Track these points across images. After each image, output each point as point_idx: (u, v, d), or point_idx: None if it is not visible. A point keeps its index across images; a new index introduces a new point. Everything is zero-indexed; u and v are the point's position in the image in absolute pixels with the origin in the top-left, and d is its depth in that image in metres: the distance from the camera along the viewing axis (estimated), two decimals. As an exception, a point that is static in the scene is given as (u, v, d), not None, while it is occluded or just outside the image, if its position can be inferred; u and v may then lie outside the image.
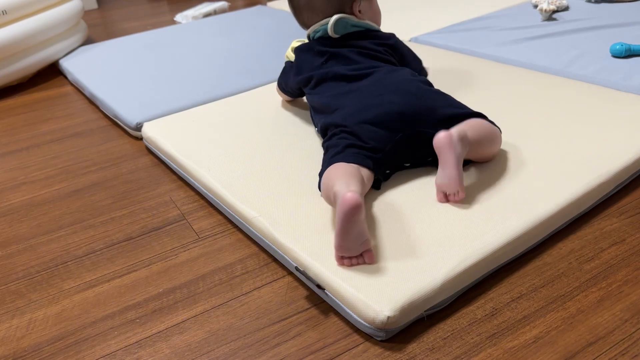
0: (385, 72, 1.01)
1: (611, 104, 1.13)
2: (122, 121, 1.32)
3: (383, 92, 0.95)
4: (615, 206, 0.91)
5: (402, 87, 0.96)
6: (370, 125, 0.90)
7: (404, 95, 0.93)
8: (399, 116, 0.91)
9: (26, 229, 0.99)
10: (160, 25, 2.26)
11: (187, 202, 1.02)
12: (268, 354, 0.69)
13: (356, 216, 0.70)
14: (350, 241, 0.72)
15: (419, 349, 0.67)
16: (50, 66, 1.84)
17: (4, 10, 1.59)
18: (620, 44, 1.34)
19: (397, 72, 1.01)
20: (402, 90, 0.94)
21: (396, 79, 0.98)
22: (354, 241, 0.72)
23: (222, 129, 1.18)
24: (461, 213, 0.83)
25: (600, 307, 0.71)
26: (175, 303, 0.78)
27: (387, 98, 0.93)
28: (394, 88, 0.95)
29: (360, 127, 0.90)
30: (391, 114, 0.91)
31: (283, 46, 1.67)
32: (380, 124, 0.90)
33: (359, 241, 0.73)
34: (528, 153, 0.98)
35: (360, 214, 0.71)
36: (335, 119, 0.95)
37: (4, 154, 1.29)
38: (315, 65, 1.08)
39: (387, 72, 1.01)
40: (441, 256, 0.74)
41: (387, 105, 0.92)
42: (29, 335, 0.75)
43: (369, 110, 0.92)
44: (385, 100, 0.93)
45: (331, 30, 1.06)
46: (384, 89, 0.96)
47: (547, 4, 1.69)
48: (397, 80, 0.98)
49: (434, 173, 0.94)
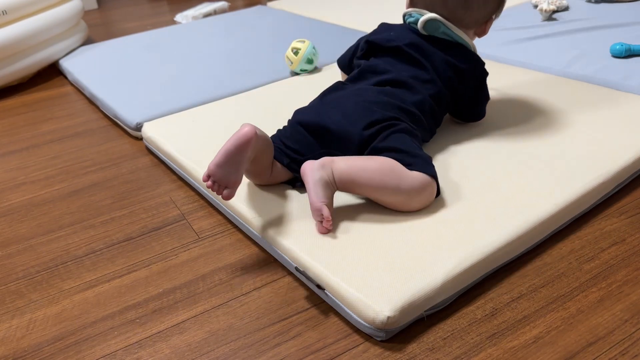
0: (374, 87, 0.97)
1: (611, 104, 1.13)
2: (122, 121, 1.32)
3: (341, 103, 0.93)
4: (615, 206, 0.91)
5: (351, 107, 0.92)
6: (305, 129, 0.92)
7: (344, 116, 0.90)
8: (327, 133, 0.90)
9: (26, 229, 0.99)
10: (160, 25, 2.26)
11: (187, 202, 1.02)
12: (268, 354, 0.69)
13: (243, 148, 0.78)
14: (225, 168, 0.79)
15: (419, 349, 0.67)
16: (50, 66, 1.84)
17: (4, 10, 1.59)
18: (620, 44, 1.34)
19: (370, 90, 0.95)
20: (348, 111, 0.91)
21: (359, 96, 0.94)
22: (228, 171, 0.79)
23: (222, 129, 1.18)
24: (461, 213, 0.83)
25: (600, 307, 0.71)
26: (175, 303, 0.78)
27: (332, 112, 0.92)
28: (349, 104, 0.92)
29: (295, 128, 0.93)
30: (323, 127, 0.91)
31: (283, 46, 1.67)
32: (312, 133, 0.92)
33: (232, 174, 0.79)
34: (528, 153, 0.98)
35: (247, 151, 0.78)
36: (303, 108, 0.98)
37: (4, 154, 1.29)
38: (385, 38, 1.03)
39: (371, 87, 0.96)
40: (441, 256, 0.75)
41: (326, 118, 0.91)
42: (29, 335, 0.75)
43: (313, 114, 0.94)
44: (329, 113, 0.92)
45: (421, 26, 0.99)
46: (345, 99, 0.94)
47: (547, 4, 1.69)
48: (358, 96, 0.94)
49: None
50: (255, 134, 0.79)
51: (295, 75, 1.46)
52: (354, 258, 0.76)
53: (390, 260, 0.75)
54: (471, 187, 0.89)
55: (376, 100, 0.92)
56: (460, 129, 1.08)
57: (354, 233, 0.81)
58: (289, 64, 1.46)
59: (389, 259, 0.75)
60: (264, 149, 0.85)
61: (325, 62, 1.51)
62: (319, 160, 0.82)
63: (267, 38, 1.82)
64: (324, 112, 0.93)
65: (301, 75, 1.45)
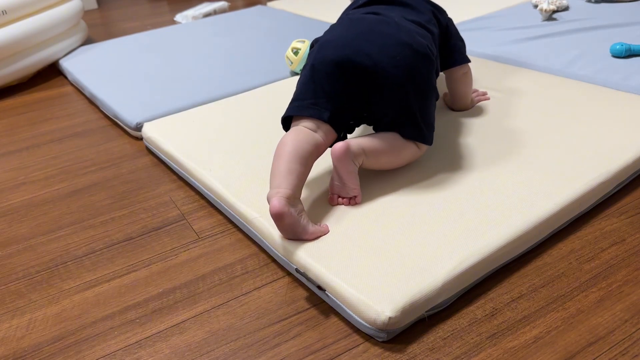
0: (397, 14, 0.95)
1: (611, 104, 1.13)
2: (122, 121, 1.32)
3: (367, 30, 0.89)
4: (615, 206, 0.91)
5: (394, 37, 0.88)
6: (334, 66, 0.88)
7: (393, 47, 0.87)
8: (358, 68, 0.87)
9: (26, 229, 0.99)
10: (160, 25, 2.26)
11: (187, 202, 1.02)
12: (268, 354, 0.69)
13: (282, 221, 0.77)
14: (290, 234, 0.80)
15: (419, 349, 0.67)
16: (50, 66, 1.84)
17: (4, 10, 1.59)
18: (620, 44, 1.34)
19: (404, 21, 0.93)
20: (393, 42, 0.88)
21: (400, 26, 0.91)
22: (293, 234, 0.80)
23: (222, 129, 1.18)
24: (461, 213, 0.83)
25: (600, 307, 0.71)
26: (175, 303, 0.78)
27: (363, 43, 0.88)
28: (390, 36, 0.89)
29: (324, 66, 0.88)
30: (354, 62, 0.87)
31: (283, 46, 1.67)
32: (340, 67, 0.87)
33: (298, 233, 0.79)
34: (528, 153, 0.98)
35: (285, 219, 0.77)
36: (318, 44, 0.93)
37: (4, 154, 1.29)
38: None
39: (396, 16, 0.94)
40: (442, 256, 0.74)
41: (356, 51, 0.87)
42: (29, 335, 0.75)
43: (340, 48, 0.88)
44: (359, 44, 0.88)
45: None
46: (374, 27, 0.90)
47: (547, 4, 1.69)
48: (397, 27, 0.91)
49: (434, 174, 0.94)
50: (282, 209, 0.77)
51: (295, 75, 1.46)
52: (355, 259, 0.76)
53: (391, 260, 0.75)
54: (471, 187, 0.89)
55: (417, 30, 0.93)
56: (460, 128, 1.08)
57: (354, 234, 0.81)
58: (289, 64, 1.46)
59: (390, 259, 0.75)
60: (302, 183, 0.84)
61: (325, 62, 1.50)
62: (351, 148, 0.85)
63: (267, 38, 1.82)
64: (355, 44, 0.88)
65: (301, 75, 1.45)
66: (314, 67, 0.89)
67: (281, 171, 0.81)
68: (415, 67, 0.88)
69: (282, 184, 0.79)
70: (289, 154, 0.82)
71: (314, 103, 0.88)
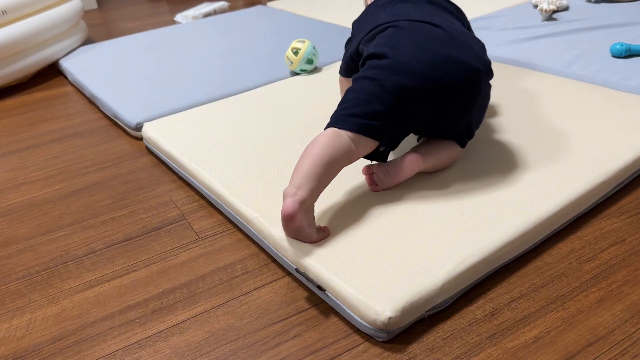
0: (458, 25, 0.93)
1: (611, 104, 1.13)
2: (122, 121, 1.32)
3: (455, 43, 0.86)
4: (615, 206, 0.90)
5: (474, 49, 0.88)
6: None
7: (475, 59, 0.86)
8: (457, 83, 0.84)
9: (26, 229, 0.99)
10: (160, 25, 2.26)
11: (187, 202, 1.02)
12: (268, 354, 0.69)
13: (290, 223, 0.76)
14: (292, 235, 0.79)
15: (419, 349, 0.67)
16: (50, 66, 1.84)
17: (4, 10, 1.59)
18: (620, 44, 1.34)
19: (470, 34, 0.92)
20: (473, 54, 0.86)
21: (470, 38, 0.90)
22: (296, 236, 0.79)
23: (222, 129, 1.18)
24: (461, 213, 0.83)
25: (600, 307, 0.71)
26: (175, 303, 0.78)
27: (459, 53, 0.85)
28: (468, 47, 0.87)
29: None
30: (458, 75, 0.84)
31: (283, 46, 1.67)
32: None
33: (301, 237, 0.79)
34: (528, 153, 0.98)
35: (294, 222, 0.76)
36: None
37: (4, 154, 1.29)
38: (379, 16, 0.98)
39: (458, 26, 0.93)
40: (442, 256, 0.75)
41: (457, 62, 0.84)
42: (29, 335, 0.75)
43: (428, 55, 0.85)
44: (457, 55, 0.85)
45: None
46: (455, 40, 0.87)
47: (547, 4, 1.69)
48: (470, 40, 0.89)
49: (433, 175, 0.94)
50: (294, 211, 0.75)
51: (295, 75, 1.46)
52: (355, 259, 0.76)
53: (391, 261, 0.75)
54: (471, 187, 0.89)
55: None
56: (460, 129, 1.08)
57: (354, 234, 0.81)
58: (289, 64, 1.46)
59: (390, 259, 0.75)
60: (325, 185, 0.81)
61: (325, 62, 1.51)
62: (420, 162, 0.88)
63: (267, 38, 1.82)
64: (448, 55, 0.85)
65: (301, 75, 1.45)
66: (385, 88, 0.83)
67: (305, 172, 0.78)
68: (482, 85, 0.88)
69: (302, 186, 0.77)
70: (319, 157, 0.79)
71: (377, 126, 0.83)
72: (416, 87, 0.83)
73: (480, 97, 0.89)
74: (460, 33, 0.89)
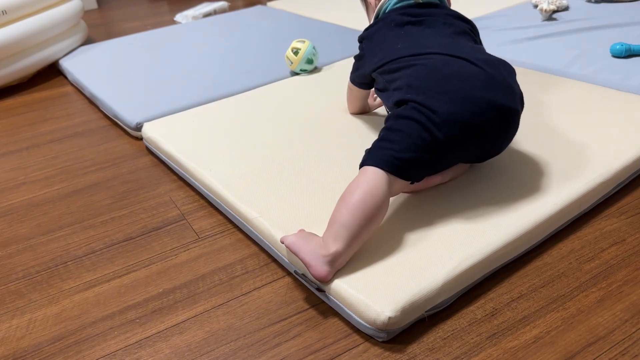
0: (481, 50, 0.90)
1: (611, 104, 1.13)
2: (122, 121, 1.32)
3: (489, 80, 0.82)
4: (615, 206, 0.91)
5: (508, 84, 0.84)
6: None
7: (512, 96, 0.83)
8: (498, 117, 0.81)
9: (26, 229, 0.99)
10: (160, 25, 2.26)
11: (187, 202, 1.02)
12: (268, 354, 0.69)
13: (320, 279, 0.73)
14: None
15: (419, 349, 0.67)
16: (50, 66, 1.84)
17: (4, 10, 1.59)
18: (620, 44, 1.34)
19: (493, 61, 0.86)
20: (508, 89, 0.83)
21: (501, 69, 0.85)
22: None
23: (222, 129, 1.18)
24: (461, 213, 0.83)
25: (600, 307, 0.71)
26: (175, 303, 0.78)
27: (494, 92, 0.81)
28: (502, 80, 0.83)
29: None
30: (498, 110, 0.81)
31: (283, 46, 1.67)
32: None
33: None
34: (528, 153, 0.98)
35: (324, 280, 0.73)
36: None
37: (4, 154, 1.29)
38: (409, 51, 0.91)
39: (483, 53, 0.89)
40: (442, 256, 0.74)
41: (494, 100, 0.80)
42: (29, 335, 0.75)
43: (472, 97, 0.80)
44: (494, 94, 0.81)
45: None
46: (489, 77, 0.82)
47: (547, 4, 1.69)
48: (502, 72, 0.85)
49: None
50: (332, 273, 0.73)
51: (295, 75, 1.46)
52: (354, 259, 0.75)
53: (391, 260, 0.75)
54: (471, 188, 0.89)
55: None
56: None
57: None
58: (289, 64, 1.46)
59: (389, 259, 0.75)
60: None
61: (325, 62, 1.51)
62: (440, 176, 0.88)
63: (267, 38, 1.82)
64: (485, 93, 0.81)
65: (301, 75, 1.45)
66: (436, 138, 0.77)
67: (346, 225, 0.72)
68: (518, 121, 0.86)
69: (342, 243, 0.72)
70: (365, 213, 0.73)
71: (420, 174, 0.80)
72: (464, 138, 0.79)
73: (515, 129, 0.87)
74: (495, 67, 0.85)
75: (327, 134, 1.11)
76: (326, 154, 1.03)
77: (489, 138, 0.82)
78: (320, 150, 1.05)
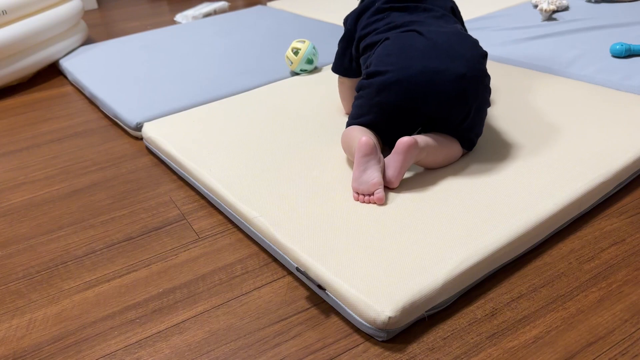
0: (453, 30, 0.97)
1: (611, 104, 1.13)
2: (122, 121, 1.32)
3: (450, 52, 0.91)
4: (615, 206, 0.91)
5: (470, 55, 0.92)
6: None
7: (472, 68, 0.90)
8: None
9: (26, 229, 0.99)
10: (160, 25, 2.26)
11: (187, 202, 1.02)
12: (268, 354, 0.69)
13: (369, 156, 0.85)
14: (363, 179, 0.86)
15: (418, 349, 0.67)
16: (50, 66, 1.84)
17: (4, 10, 1.59)
18: (620, 44, 1.34)
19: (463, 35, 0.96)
20: (471, 61, 0.91)
21: (464, 41, 0.94)
22: (367, 179, 0.86)
23: (222, 129, 1.18)
24: (461, 213, 0.83)
25: (600, 307, 0.71)
26: (175, 303, 0.78)
27: (453, 63, 0.89)
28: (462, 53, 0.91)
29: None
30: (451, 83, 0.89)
31: (283, 46, 1.67)
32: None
33: (370, 180, 0.85)
34: (528, 153, 0.98)
35: (371, 155, 0.85)
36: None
37: (4, 154, 1.29)
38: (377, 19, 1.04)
39: (455, 31, 0.96)
40: (442, 256, 0.75)
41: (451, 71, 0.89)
42: (29, 335, 0.75)
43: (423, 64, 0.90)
44: (452, 65, 0.89)
45: None
46: (450, 48, 0.91)
47: (547, 4, 1.69)
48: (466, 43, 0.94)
49: (433, 175, 0.94)
50: (371, 142, 0.86)
51: (295, 75, 1.46)
52: (355, 258, 0.76)
53: (391, 260, 0.75)
54: (471, 188, 0.89)
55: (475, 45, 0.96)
56: (460, 129, 1.08)
57: (354, 234, 0.81)
58: (289, 64, 1.46)
59: (390, 259, 0.75)
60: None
61: (325, 62, 1.51)
62: (419, 144, 0.87)
63: (267, 38, 1.82)
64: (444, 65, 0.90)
65: (301, 75, 1.46)
66: (381, 105, 0.92)
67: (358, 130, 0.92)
68: (471, 90, 0.90)
69: (365, 133, 0.91)
70: (362, 131, 0.92)
71: (378, 130, 0.96)
72: (403, 105, 0.91)
73: (476, 101, 0.91)
74: (446, 37, 0.92)
75: (327, 134, 1.11)
76: (326, 153, 1.03)
77: (427, 102, 0.90)
78: (320, 150, 1.05)
